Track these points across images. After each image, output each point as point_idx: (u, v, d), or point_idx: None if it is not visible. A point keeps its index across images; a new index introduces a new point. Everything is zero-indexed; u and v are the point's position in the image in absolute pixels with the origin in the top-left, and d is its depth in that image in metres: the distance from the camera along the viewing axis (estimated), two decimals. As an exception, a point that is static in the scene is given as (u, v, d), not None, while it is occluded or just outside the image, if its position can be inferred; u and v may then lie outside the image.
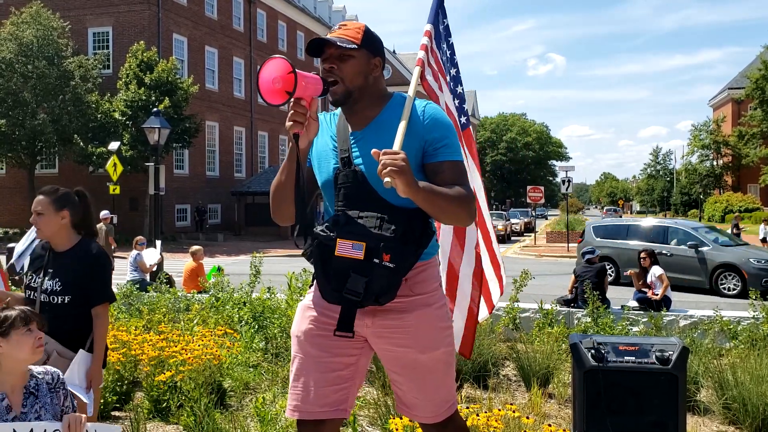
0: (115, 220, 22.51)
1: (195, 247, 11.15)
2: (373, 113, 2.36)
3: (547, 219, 41.91)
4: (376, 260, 2.12)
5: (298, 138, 2.19)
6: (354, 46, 2.28)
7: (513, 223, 37.86)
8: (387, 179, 2.02)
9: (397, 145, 2.16)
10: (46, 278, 3.19)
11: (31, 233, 9.93)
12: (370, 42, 2.34)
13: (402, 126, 2.23)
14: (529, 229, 40.37)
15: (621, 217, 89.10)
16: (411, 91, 2.45)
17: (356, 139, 2.33)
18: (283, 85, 2.08)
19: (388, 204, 2.23)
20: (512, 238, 35.58)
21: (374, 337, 2.34)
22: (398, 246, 2.15)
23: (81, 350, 3.15)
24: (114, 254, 14.15)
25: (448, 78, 3.44)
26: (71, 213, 3.24)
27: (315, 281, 2.36)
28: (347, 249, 2.13)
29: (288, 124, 2.15)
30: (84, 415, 2.46)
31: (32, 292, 3.24)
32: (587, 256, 9.76)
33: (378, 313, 2.28)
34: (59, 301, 3.15)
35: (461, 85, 3.53)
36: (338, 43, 2.26)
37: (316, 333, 2.34)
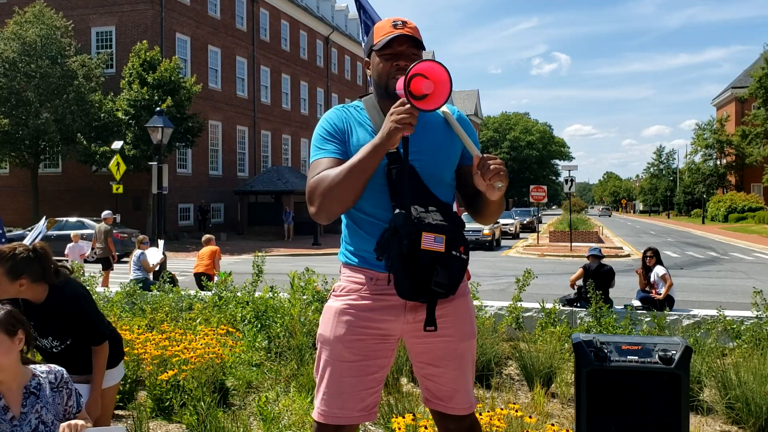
0: (118, 219, 22.59)
1: (207, 236, 11.51)
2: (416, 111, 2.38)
3: (541, 222, 39.20)
4: (455, 252, 2.18)
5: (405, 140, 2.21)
6: (422, 45, 2.33)
7: (505, 225, 33.00)
8: (499, 183, 2.08)
9: (476, 151, 2.21)
10: (37, 334, 3.09)
11: (35, 230, 9.95)
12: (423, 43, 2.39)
13: (464, 132, 2.30)
14: (530, 229, 39.99)
15: (611, 216, 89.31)
16: None
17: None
18: (424, 89, 2.08)
19: (437, 199, 2.28)
20: (503, 244, 30.02)
21: (413, 332, 2.33)
22: (463, 238, 2.23)
23: (80, 385, 3.05)
24: (112, 252, 14.24)
25: None
26: (29, 277, 3.02)
27: (350, 283, 2.34)
28: (431, 242, 2.15)
29: (400, 126, 2.08)
30: (81, 422, 2.42)
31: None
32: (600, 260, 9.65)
33: (419, 308, 2.29)
34: (62, 348, 3.12)
35: None
36: (420, 42, 2.30)
37: (353, 338, 2.31)
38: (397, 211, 2.20)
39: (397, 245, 2.15)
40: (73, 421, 2.41)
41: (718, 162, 62.40)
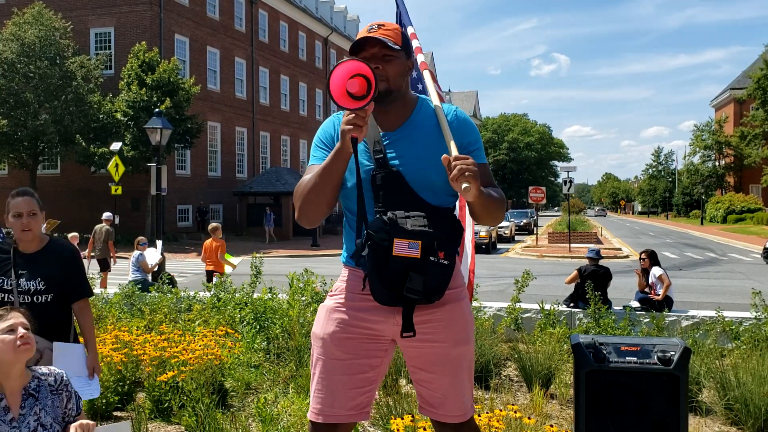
0: (117, 221, 22.57)
1: (212, 225, 11.50)
2: (405, 115, 2.36)
3: (537, 225, 38.27)
4: (432, 258, 2.15)
5: (356, 141, 2.16)
6: (398, 47, 2.29)
7: (499, 228, 31.60)
8: (465, 184, 2.04)
9: (454, 151, 2.17)
10: (23, 279, 3.19)
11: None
12: (406, 44, 2.35)
13: (448, 132, 2.27)
14: (527, 231, 39.75)
15: (606, 216, 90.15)
16: (433, 95, 2.47)
17: (390, 140, 2.32)
18: (358, 88, 2.07)
19: (426, 203, 2.25)
20: (498, 247, 28.87)
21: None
22: (448, 243, 2.19)
23: (76, 344, 3.32)
24: (113, 255, 14.13)
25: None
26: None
27: (347, 283, 2.35)
28: (404, 248, 2.13)
29: (347, 128, 2.10)
30: (92, 422, 2.43)
31: (6, 295, 3.20)
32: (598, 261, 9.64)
33: None
34: (42, 300, 3.19)
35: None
36: (389, 44, 2.25)
37: (343, 336, 2.32)
38: (374, 217, 2.22)
39: (370, 253, 2.16)
40: (84, 421, 2.42)
41: (717, 163, 62.45)
